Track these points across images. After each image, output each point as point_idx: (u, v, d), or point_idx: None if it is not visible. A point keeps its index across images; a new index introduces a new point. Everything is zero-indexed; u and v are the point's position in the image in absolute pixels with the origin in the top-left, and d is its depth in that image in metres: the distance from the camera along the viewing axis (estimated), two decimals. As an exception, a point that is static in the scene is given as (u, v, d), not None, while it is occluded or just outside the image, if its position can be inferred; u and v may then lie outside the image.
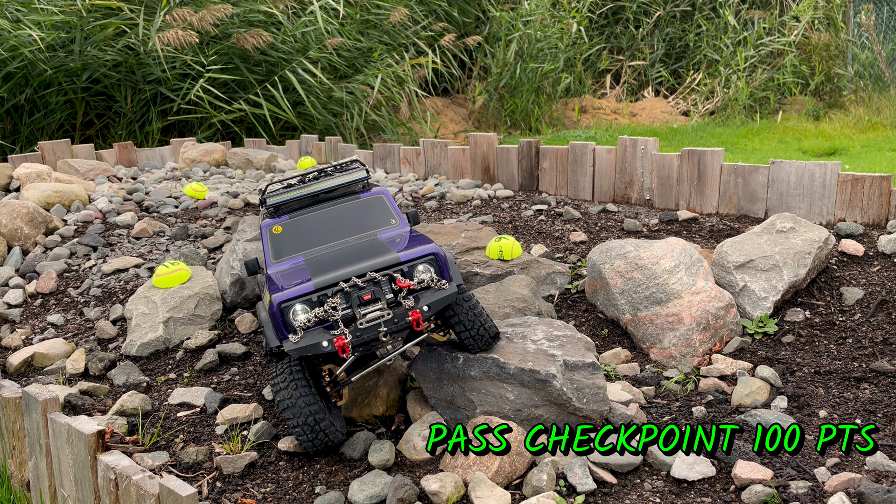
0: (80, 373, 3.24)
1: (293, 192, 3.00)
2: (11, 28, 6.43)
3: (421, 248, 2.60)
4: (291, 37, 7.75)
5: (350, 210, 3.01)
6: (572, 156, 4.85)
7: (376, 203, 3.06)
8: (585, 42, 10.26)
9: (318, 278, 2.52)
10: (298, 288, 2.49)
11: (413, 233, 2.93)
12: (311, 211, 3.00)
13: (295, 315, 2.47)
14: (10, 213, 4.33)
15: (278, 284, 2.61)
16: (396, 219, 3.02)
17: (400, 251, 2.61)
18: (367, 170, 3.13)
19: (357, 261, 2.61)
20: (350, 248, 2.81)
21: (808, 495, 2.24)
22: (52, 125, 7.13)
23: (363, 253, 2.69)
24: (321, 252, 2.85)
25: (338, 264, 2.62)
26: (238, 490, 2.45)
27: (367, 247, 2.76)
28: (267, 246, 2.90)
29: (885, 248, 3.56)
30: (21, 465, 2.76)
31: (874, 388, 2.79)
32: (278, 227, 2.92)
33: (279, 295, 2.47)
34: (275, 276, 2.73)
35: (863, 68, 9.63)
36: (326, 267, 2.63)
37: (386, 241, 2.82)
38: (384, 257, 2.57)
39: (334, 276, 2.52)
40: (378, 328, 2.45)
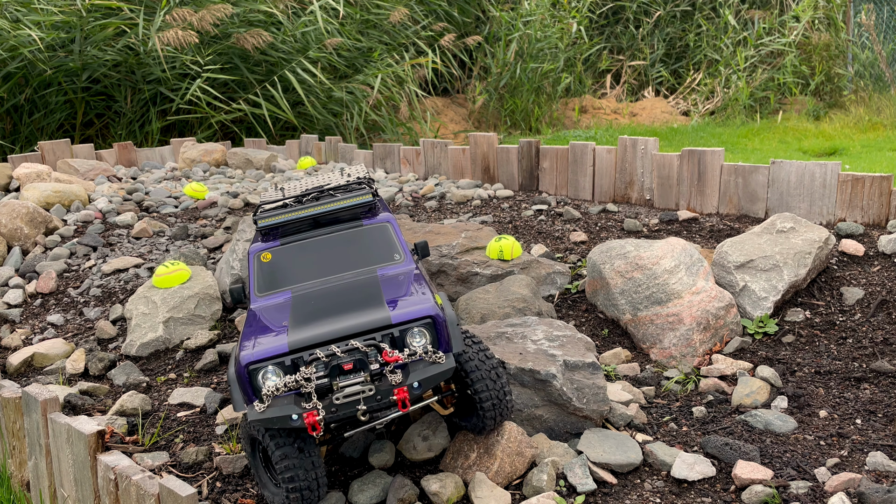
0: (79, 373, 3.24)
1: (288, 214, 2.68)
2: (11, 28, 6.43)
3: (418, 307, 2.26)
4: (291, 37, 7.75)
5: (350, 239, 2.70)
6: (572, 156, 4.85)
7: (380, 234, 2.73)
8: (585, 42, 10.26)
9: (295, 335, 2.21)
10: (269, 347, 2.18)
11: (417, 274, 2.60)
12: (307, 237, 2.68)
13: (264, 378, 2.17)
14: (10, 213, 4.32)
15: (251, 334, 2.31)
16: (401, 254, 2.69)
17: (394, 309, 2.28)
18: (375, 192, 2.78)
19: (344, 312, 2.31)
20: (343, 289, 2.50)
21: (808, 495, 2.24)
22: (51, 125, 7.12)
23: (354, 302, 2.39)
24: (311, 289, 2.55)
25: (322, 314, 2.33)
26: (238, 490, 2.45)
27: (361, 293, 2.45)
28: (253, 275, 2.60)
29: (886, 248, 3.56)
30: (21, 465, 2.76)
31: (874, 388, 2.79)
32: (267, 254, 2.63)
33: (247, 354, 2.17)
34: (257, 314, 2.47)
35: (863, 68, 9.63)
36: (309, 316, 2.33)
37: (384, 284, 2.50)
38: (373, 315, 2.25)
39: (313, 335, 2.20)
40: (356, 405, 2.13)
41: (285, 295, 2.55)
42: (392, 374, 2.15)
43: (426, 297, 2.33)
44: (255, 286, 2.59)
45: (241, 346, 2.25)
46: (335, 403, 2.12)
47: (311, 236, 2.69)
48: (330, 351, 2.15)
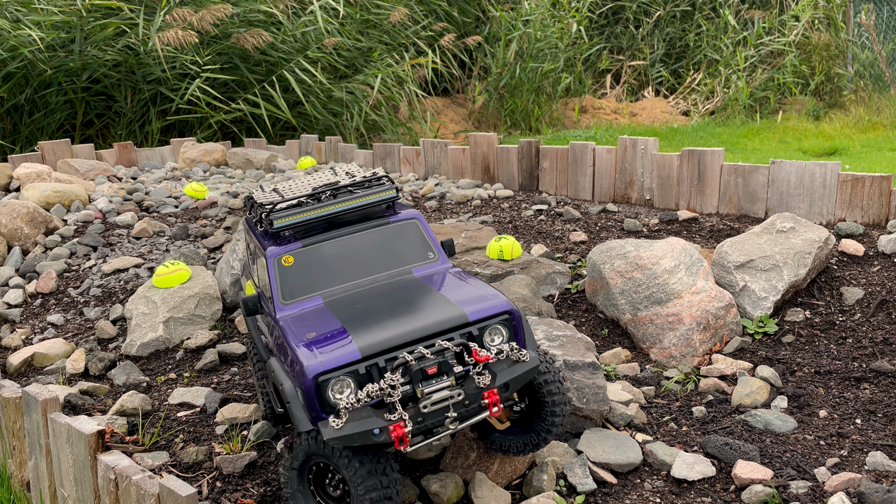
0: (80, 373, 3.24)
1: (308, 213, 2.41)
2: (11, 28, 6.43)
3: (493, 302, 2.09)
4: (291, 37, 7.75)
5: (378, 238, 2.44)
6: (572, 156, 4.85)
7: (409, 230, 2.48)
8: (585, 42, 10.26)
9: (364, 339, 1.98)
10: (339, 353, 1.95)
11: (460, 271, 2.41)
12: (331, 237, 2.41)
13: (336, 390, 1.94)
14: (10, 213, 4.32)
15: (303, 341, 2.06)
16: (434, 251, 2.48)
17: (467, 305, 2.09)
18: (397, 187, 2.53)
19: (406, 312, 2.10)
20: (388, 290, 2.29)
21: (808, 495, 2.24)
22: (52, 125, 7.12)
23: (412, 301, 2.18)
24: (346, 294, 2.33)
25: (380, 316, 2.11)
26: (238, 490, 2.45)
27: (414, 292, 2.24)
28: (275, 282, 2.32)
29: (886, 248, 3.56)
30: (21, 465, 2.76)
31: (874, 388, 2.79)
32: (289, 257, 2.35)
33: (314, 364, 1.93)
34: (290, 324, 2.19)
35: (863, 68, 9.63)
36: (365, 319, 2.11)
37: (433, 282, 2.31)
38: (447, 313, 2.06)
39: (385, 338, 1.98)
40: (445, 412, 1.94)
41: (315, 301, 2.30)
42: (480, 375, 1.97)
43: (495, 291, 2.18)
44: (280, 293, 2.31)
45: (297, 352, 2.00)
46: (422, 412, 1.92)
47: (335, 236, 2.42)
48: (419, 353, 1.95)
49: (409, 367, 1.94)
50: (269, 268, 2.34)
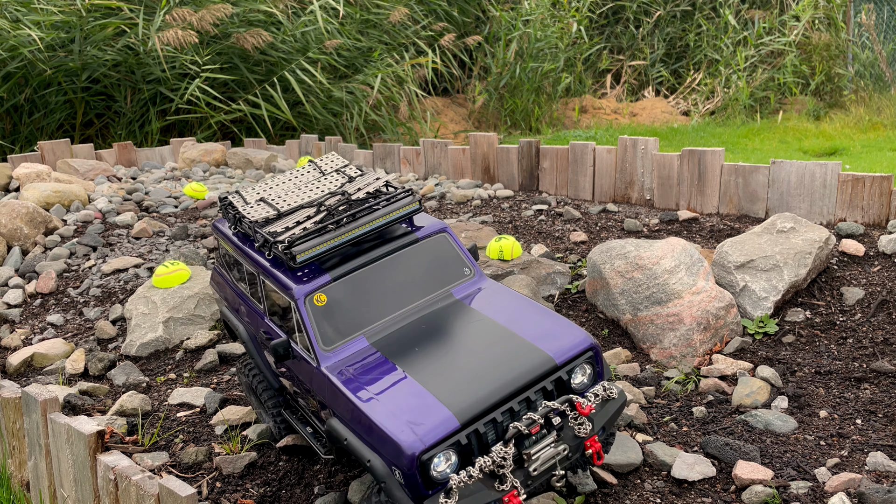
0: (79, 373, 3.24)
1: (331, 241, 2.13)
2: (11, 28, 6.43)
3: (574, 338, 1.95)
4: (291, 36, 7.75)
5: (409, 259, 2.21)
6: (572, 156, 4.85)
7: (440, 245, 2.26)
8: (585, 42, 10.26)
9: (456, 403, 1.78)
10: (437, 424, 1.74)
11: (501, 289, 2.23)
12: (360, 265, 2.15)
13: (439, 467, 1.75)
14: (10, 213, 4.32)
15: (382, 406, 1.82)
16: (470, 267, 2.28)
17: (546, 345, 1.92)
18: (420, 200, 2.30)
19: (484, 362, 1.90)
20: (440, 327, 2.06)
21: (808, 495, 2.24)
22: (51, 125, 7.12)
23: (479, 343, 1.97)
24: (394, 332, 2.08)
25: (456, 368, 1.90)
26: (238, 490, 2.44)
27: (474, 329, 2.03)
28: (311, 326, 2.05)
29: (886, 248, 3.56)
30: (21, 465, 2.75)
31: (874, 389, 2.79)
32: (322, 295, 2.08)
33: (413, 441, 1.72)
34: (349, 382, 1.95)
35: (863, 68, 9.63)
36: (442, 373, 1.89)
37: (485, 310, 2.11)
38: (532, 360, 1.88)
39: (478, 398, 1.80)
40: (553, 471, 1.83)
41: (359, 343, 2.07)
42: (579, 424, 1.86)
43: (569, 323, 2.03)
44: (319, 339, 2.05)
45: (385, 434, 1.77)
46: (532, 475, 1.80)
47: (365, 263, 2.16)
48: (528, 419, 1.80)
49: (497, 422, 1.80)
50: (302, 311, 2.06)
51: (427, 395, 1.83)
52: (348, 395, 1.91)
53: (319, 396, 2.07)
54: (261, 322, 2.34)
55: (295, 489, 2.45)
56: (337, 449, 2.04)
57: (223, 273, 2.65)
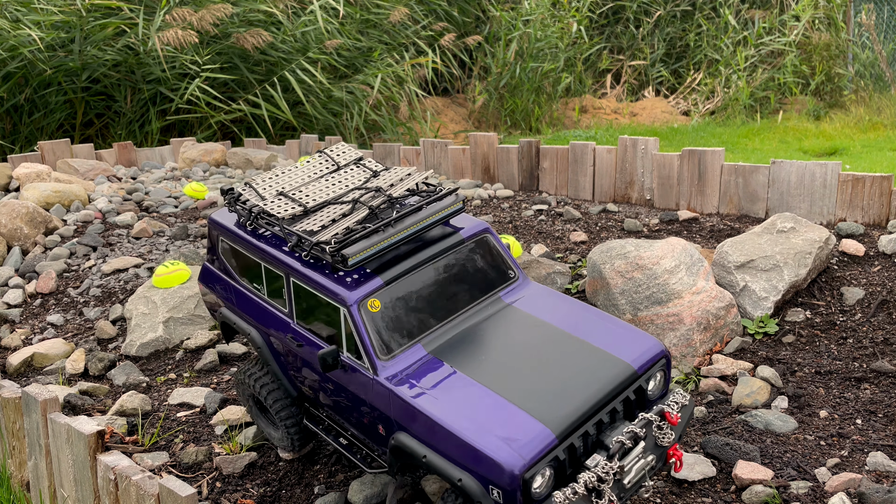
0: (79, 373, 3.24)
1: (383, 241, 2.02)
2: (11, 28, 6.43)
3: (646, 345, 1.91)
4: (291, 36, 7.75)
5: (456, 261, 2.11)
6: (572, 156, 4.85)
7: (483, 246, 2.18)
8: (586, 42, 10.26)
9: (549, 417, 1.71)
10: (534, 440, 1.68)
11: (550, 292, 2.17)
12: (411, 268, 2.04)
13: (540, 485, 1.69)
14: (10, 213, 4.32)
15: (468, 421, 1.73)
16: (514, 270, 2.21)
17: (622, 353, 1.88)
18: (463, 200, 2.21)
19: (565, 373, 1.84)
20: (506, 335, 1.98)
21: (808, 496, 2.24)
22: (51, 125, 7.12)
23: (553, 353, 1.91)
24: (456, 340, 1.99)
25: (537, 380, 1.82)
26: (238, 490, 2.44)
27: (542, 337, 1.96)
28: (366, 334, 1.93)
29: (886, 248, 3.56)
30: (21, 465, 2.75)
31: (875, 389, 2.79)
32: (375, 301, 1.97)
33: (515, 459, 1.64)
34: (412, 391, 1.85)
35: (863, 68, 9.63)
36: (522, 385, 1.81)
37: (546, 316, 2.03)
38: (613, 369, 1.84)
39: (570, 411, 1.74)
40: (644, 482, 1.81)
41: (417, 352, 1.96)
42: (662, 432, 1.84)
43: (634, 328, 2.00)
44: (376, 348, 1.94)
45: (478, 451, 1.68)
46: (626, 488, 1.77)
47: (416, 265, 2.05)
48: (630, 432, 1.77)
49: (588, 435, 1.74)
50: (356, 317, 1.93)
51: (513, 408, 1.75)
52: (423, 410, 1.80)
53: (379, 410, 1.93)
54: (285, 326, 2.21)
55: (295, 489, 2.45)
56: (402, 464, 1.94)
57: (222, 271, 2.51)
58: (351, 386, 2.03)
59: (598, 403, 1.79)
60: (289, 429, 2.43)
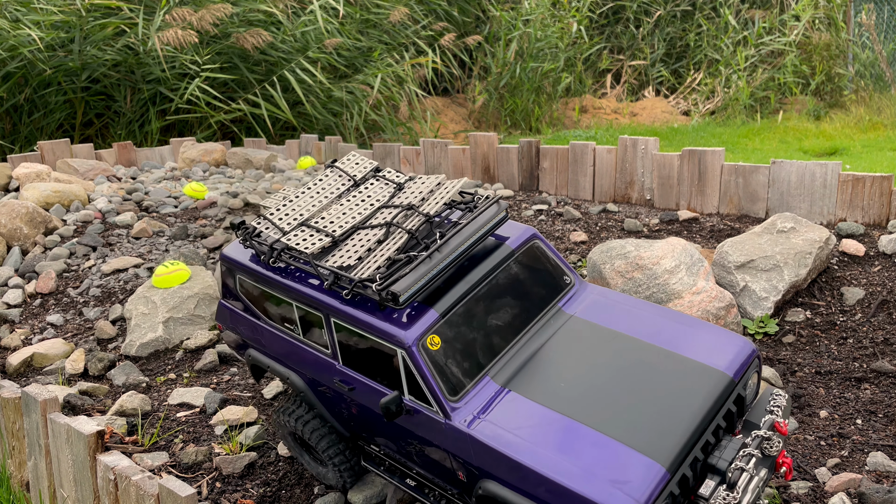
0: (79, 373, 3.23)
1: (431, 270, 1.83)
2: (11, 28, 6.43)
3: (737, 347, 1.76)
4: (291, 36, 7.75)
5: (510, 276, 1.94)
6: (572, 156, 4.84)
7: (535, 255, 2.01)
8: (586, 41, 10.26)
9: (656, 450, 1.56)
10: (644, 478, 1.53)
11: (615, 297, 2.01)
12: (467, 294, 1.86)
13: None
14: (10, 213, 4.32)
15: (567, 464, 1.57)
16: (569, 275, 2.04)
17: (714, 361, 1.72)
18: (507, 209, 2.05)
19: (657, 392, 1.67)
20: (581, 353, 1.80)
21: (808, 496, 2.23)
22: (51, 125, 7.12)
23: (638, 369, 1.74)
24: (525, 367, 1.81)
25: (629, 405, 1.66)
26: (238, 490, 2.44)
27: (623, 352, 1.79)
28: (430, 376, 1.75)
29: (886, 248, 3.55)
30: (20, 465, 2.75)
31: (875, 389, 2.79)
32: (435, 338, 1.79)
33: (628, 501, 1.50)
34: (493, 434, 1.67)
35: (863, 68, 9.62)
36: (603, 407, 1.66)
37: (620, 327, 1.86)
38: (709, 381, 1.68)
39: (676, 441, 1.59)
40: (761, 496, 1.72)
41: (488, 386, 1.78)
42: (769, 442, 1.74)
43: (718, 328, 1.85)
44: (443, 389, 1.76)
45: (587, 499, 1.53)
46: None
47: (468, 290, 1.87)
48: (749, 455, 1.64)
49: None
50: (417, 359, 1.75)
51: (612, 443, 1.59)
52: (512, 456, 1.63)
53: (457, 456, 1.76)
54: (329, 369, 2.02)
55: (295, 489, 2.45)
56: None
57: (244, 310, 2.29)
58: (419, 431, 1.84)
59: (702, 424, 1.64)
60: (338, 467, 2.28)
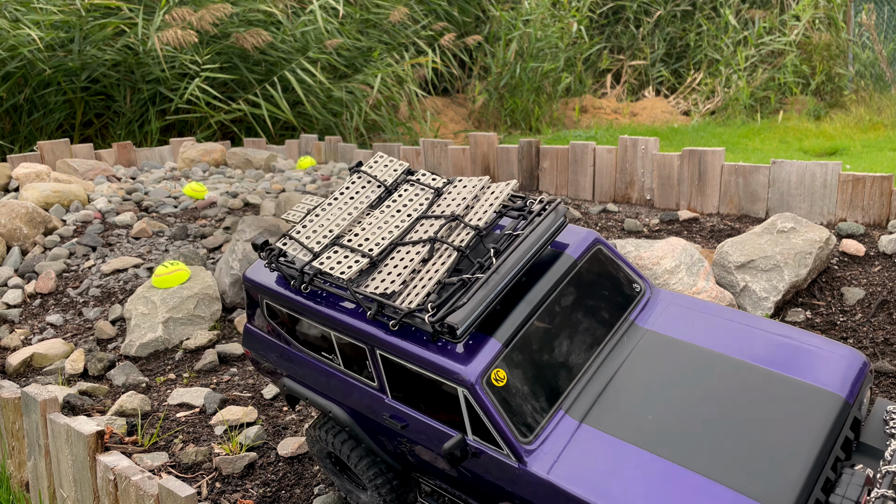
0: (79, 373, 3.23)
1: (490, 293, 1.61)
2: (10, 28, 6.42)
3: (848, 363, 1.56)
4: (291, 36, 7.74)
5: (574, 289, 1.72)
6: (573, 156, 4.84)
7: (601, 263, 1.78)
8: (586, 41, 10.26)
9: (770, 492, 1.37)
10: None
11: (692, 303, 1.79)
12: (527, 315, 1.63)
13: None
14: (10, 213, 4.32)
15: None
16: (638, 281, 1.82)
17: (825, 382, 1.51)
18: (565, 213, 1.81)
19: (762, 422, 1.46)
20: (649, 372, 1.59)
21: None
22: (51, 125, 7.12)
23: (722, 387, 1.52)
24: (597, 393, 1.60)
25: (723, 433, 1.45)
26: (237, 491, 2.44)
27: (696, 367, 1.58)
28: (497, 415, 1.54)
29: (886, 248, 3.55)
30: (20, 465, 2.75)
31: (875, 389, 2.78)
32: (499, 371, 1.57)
33: None
34: (576, 481, 1.47)
35: (864, 68, 9.62)
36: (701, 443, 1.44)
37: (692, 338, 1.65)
38: (819, 405, 1.47)
39: (796, 479, 1.38)
40: None
41: (564, 422, 1.57)
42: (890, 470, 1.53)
43: (820, 337, 1.67)
44: (514, 431, 1.55)
45: None
46: None
47: (532, 311, 1.64)
48: (880, 496, 1.43)
49: None
50: (482, 398, 1.53)
51: (722, 489, 1.38)
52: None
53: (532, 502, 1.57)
54: (378, 403, 1.83)
55: (294, 489, 2.45)
56: None
57: (274, 335, 2.11)
58: (489, 475, 1.64)
59: (819, 459, 1.43)
60: (382, 493, 2.10)
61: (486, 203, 1.80)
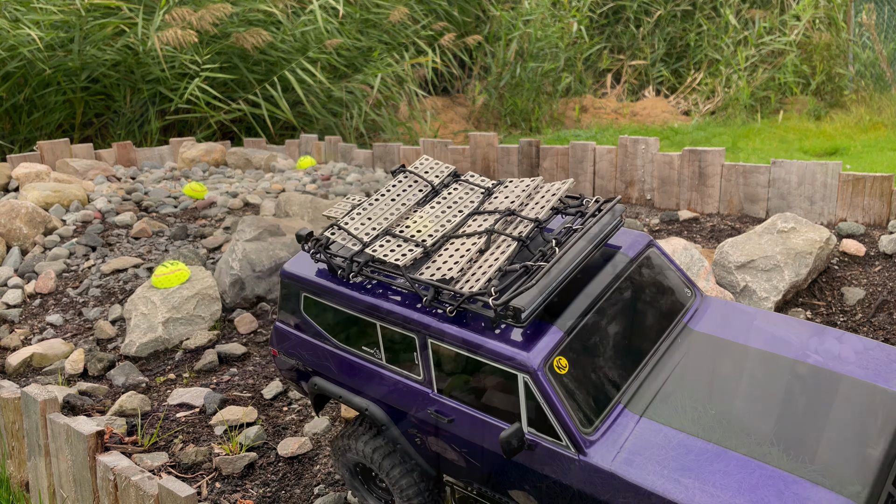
0: (79, 373, 3.23)
1: (552, 282, 1.61)
2: (10, 28, 6.42)
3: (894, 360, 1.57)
4: (291, 36, 7.74)
5: (631, 289, 1.74)
6: (573, 155, 4.84)
7: (654, 265, 1.81)
8: (586, 41, 10.26)
9: (850, 487, 1.37)
10: None
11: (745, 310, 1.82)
12: (587, 307, 1.65)
13: None
14: (9, 213, 4.32)
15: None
16: (689, 286, 1.85)
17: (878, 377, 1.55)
18: (622, 213, 1.85)
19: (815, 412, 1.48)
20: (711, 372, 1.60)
21: None
22: (50, 125, 7.12)
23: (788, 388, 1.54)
24: (656, 389, 1.60)
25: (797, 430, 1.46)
26: (237, 491, 2.44)
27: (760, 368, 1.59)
28: (559, 404, 1.54)
29: (887, 249, 3.55)
30: (20, 465, 2.75)
31: (876, 389, 2.78)
32: (562, 359, 1.57)
33: None
34: (646, 474, 1.46)
35: (864, 68, 9.62)
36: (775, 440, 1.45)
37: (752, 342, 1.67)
38: (886, 405, 1.49)
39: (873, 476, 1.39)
40: None
41: (624, 416, 1.57)
42: None
43: (876, 343, 1.69)
44: (574, 420, 1.55)
45: None
46: None
47: (591, 304, 1.67)
48: None
49: None
50: (544, 385, 1.53)
51: (800, 482, 1.38)
52: (675, 500, 1.41)
53: (596, 499, 1.55)
54: (422, 398, 1.80)
55: (294, 489, 2.45)
56: None
57: (309, 332, 2.09)
58: (545, 469, 1.62)
59: (889, 452, 1.45)
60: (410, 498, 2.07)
61: (543, 199, 1.82)
